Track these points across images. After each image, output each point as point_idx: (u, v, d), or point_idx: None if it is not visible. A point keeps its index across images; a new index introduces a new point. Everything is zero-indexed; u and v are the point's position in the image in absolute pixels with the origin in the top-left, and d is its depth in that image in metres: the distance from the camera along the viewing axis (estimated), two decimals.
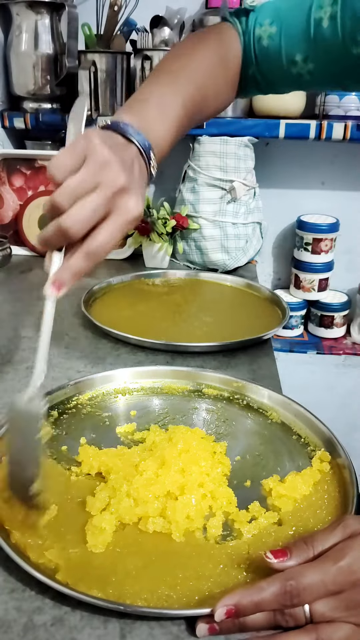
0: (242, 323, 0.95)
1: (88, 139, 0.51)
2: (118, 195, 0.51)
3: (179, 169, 1.33)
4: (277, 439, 0.65)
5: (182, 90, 0.65)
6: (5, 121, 1.34)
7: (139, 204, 0.52)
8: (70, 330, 0.93)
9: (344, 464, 0.58)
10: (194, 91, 0.66)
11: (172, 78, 0.66)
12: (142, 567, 0.46)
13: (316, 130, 1.26)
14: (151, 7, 1.26)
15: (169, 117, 0.62)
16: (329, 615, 0.40)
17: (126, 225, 0.52)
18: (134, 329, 0.86)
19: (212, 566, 0.47)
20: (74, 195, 0.50)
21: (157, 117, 0.61)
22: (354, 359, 1.48)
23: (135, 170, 0.54)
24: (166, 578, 0.45)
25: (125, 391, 0.73)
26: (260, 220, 1.28)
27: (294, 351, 1.48)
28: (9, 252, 1.25)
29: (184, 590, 0.44)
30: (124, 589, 0.44)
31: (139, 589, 0.44)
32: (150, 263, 1.24)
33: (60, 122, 1.31)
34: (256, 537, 0.50)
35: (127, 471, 0.55)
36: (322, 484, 0.56)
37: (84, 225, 0.50)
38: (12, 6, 1.25)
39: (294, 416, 0.67)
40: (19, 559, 0.45)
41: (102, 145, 0.51)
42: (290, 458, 0.62)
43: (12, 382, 0.76)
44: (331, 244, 1.47)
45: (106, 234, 0.51)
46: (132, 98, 0.64)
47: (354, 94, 1.25)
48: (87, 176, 0.50)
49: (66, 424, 0.66)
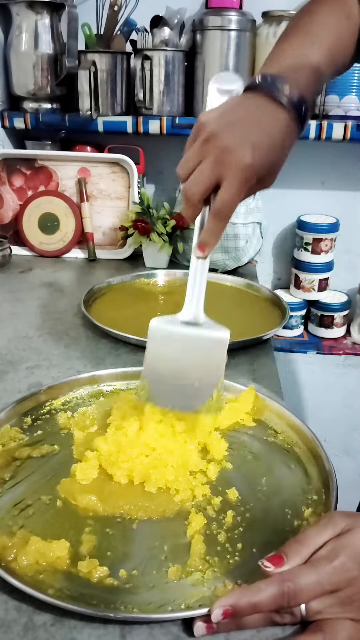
0: (242, 323, 0.95)
1: (198, 122, 0.57)
2: (224, 154, 0.53)
3: None
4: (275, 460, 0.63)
5: (315, 44, 0.63)
6: (5, 121, 1.34)
7: (245, 154, 0.53)
8: (70, 330, 0.93)
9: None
10: (327, 45, 0.64)
11: (302, 35, 0.64)
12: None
13: (316, 130, 1.26)
14: (151, 7, 1.26)
15: (307, 69, 0.61)
16: (325, 613, 0.41)
17: (240, 177, 0.53)
18: (134, 329, 0.86)
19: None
20: (186, 167, 0.56)
21: (296, 69, 0.59)
22: (354, 359, 1.48)
23: (246, 123, 0.55)
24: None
25: (99, 394, 0.73)
26: (260, 220, 1.28)
27: (294, 351, 1.48)
28: (9, 252, 1.25)
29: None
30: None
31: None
32: (150, 263, 1.24)
33: (60, 122, 1.31)
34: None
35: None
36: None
37: (198, 187, 0.55)
38: (12, 6, 1.25)
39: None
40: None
41: (207, 122, 0.55)
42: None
43: (12, 382, 0.76)
44: (331, 244, 1.47)
45: (224, 190, 0.54)
46: (268, 57, 0.63)
47: (354, 94, 1.25)
48: (193, 151, 0.56)
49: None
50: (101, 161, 1.30)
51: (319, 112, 1.29)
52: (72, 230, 1.30)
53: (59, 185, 1.32)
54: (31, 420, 0.67)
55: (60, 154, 1.32)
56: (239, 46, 1.23)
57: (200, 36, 1.25)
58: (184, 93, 1.30)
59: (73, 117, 1.30)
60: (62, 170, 1.31)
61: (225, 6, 1.23)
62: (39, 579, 0.46)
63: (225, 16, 1.21)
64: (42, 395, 0.70)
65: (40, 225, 1.31)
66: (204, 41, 1.24)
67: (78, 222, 1.30)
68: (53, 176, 1.32)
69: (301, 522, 0.52)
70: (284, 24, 1.22)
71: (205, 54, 1.25)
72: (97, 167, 1.30)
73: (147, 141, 1.35)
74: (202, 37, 1.25)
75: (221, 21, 1.22)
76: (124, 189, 1.31)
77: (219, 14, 1.22)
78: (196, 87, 1.29)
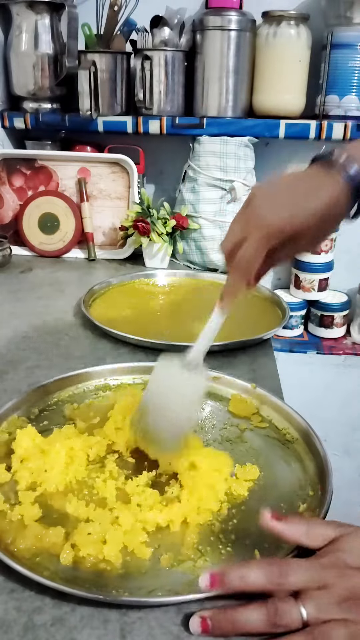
0: (242, 323, 0.95)
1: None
2: (252, 215, 0.55)
3: (179, 169, 1.33)
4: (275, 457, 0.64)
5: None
6: (5, 121, 1.34)
7: (267, 214, 0.54)
8: (70, 330, 0.93)
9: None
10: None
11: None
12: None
13: (316, 130, 1.26)
14: (151, 7, 1.26)
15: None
16: (324, 616, 0.40)
17: (259, 234, 0.54)
18: (134, 329, 0.86)
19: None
20: (228, 234, 0.57)
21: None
22: (354, 359, 1.48)
23: (286, 189, 0.56)
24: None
25: (106, 388, 0.75)
26: None
27: (294, 351, 1.48)
28: (9, 252, 1.25)
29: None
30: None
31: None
32: (150, 263, 1.24)
33: (60, 122, 1.31)
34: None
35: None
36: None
37: (225, 244, 0.57)
38: (12, 6, 1.25)
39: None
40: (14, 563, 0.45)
41: (255, 189, 0.57)
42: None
43: (12, 382, 0.76)
44: (331, 244, 1.47)
45: (245, 246, 0.54)
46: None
47: (354, 94, 1.25)
48: (235, 217, 0.57)
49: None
50: (101, 161, 1.30)
51: (318, 112, 1.28)
52: (72, 230, 1.30)
53: (59, 185, 1.32)
54: (38, 411, 0.69)
55: (60, 154, 1.32)
56: (239, 46, 1.23)
57: (200, 36, 1.25)
58: (184, 93, 1.30)
59: (73, 117, 1.30)
60: (62, 170, 1.31)
61: (225, 6, 1.23)
62: (35, 561, 0.47)
63: (225, 16, 1.21)
64: (50, 387, 0.72)
65: (40, 225, 1.31)
66: (204, 41, 1.24)
67: (78, 222, 1.30)
68: (53, 176, 1.32)
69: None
70: (284, 23, 1.22)
71: (205, 54, 1.25)
72: (97, 167, 1.30)
73: (147, 141, 1.34)
74: (202, 37, 1.25)
75: (221, 21, 1.21)
76: (124, 189, 1.31)
77: (219, 14, 1.22)
78: (196, 87, 1.29)
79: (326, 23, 1.25)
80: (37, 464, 0.57)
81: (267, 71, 1.26)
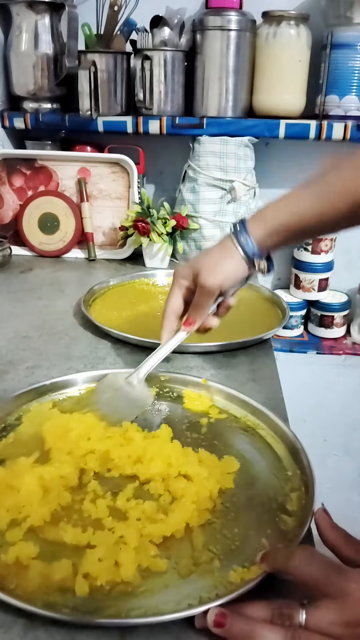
0: (242, 323, 0.95)
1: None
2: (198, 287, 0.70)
3: (179, 169, 1.33)
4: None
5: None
6: (5, 121, 1.34)
7: (207, 280, 0.68)
8: (70, 330, 0.93)
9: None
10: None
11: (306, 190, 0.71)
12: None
13: (316, 130, 1.26)
14: (151, 7, 1.26)
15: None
16: (323, 627, 0.39)
17: (204, 298, 0.70)
18: (134, 329, 0.86)
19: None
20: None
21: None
22: (354, 359, 1.48)
23: (211, 257, 0.70)
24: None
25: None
26: None
27: (294, 351, 1.48)
28: (9, 252, 1.25)
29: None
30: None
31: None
32: (150, 263, 1.24)
33: (60, 122, 1.31)
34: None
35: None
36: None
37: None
38: (12, 6, 1.25)
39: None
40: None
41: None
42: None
43: (12, 382, 0.76)
44: (331, 244, 1.47)
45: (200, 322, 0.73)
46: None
47: (354, 94, 1.25)
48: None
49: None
50: (101, 161, 1.30)
51: (319, 112, 1.28)
52: (72, 230, 1.30)
53: (59, 185, 1.32)
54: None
55: (60, 154, 1.32)
56: (239, 46, 1.23)
57: (200, 36, 1.25)
58: (184, 93, 1.30)
59: (73, 117, 1.30)
60: (62, 170, 1.31)
61: (225, 6, 1.23)
62: (49, 601, 0.44)
63: (225, 16, 1.21)
64: (45, 388, 0.72)
65: (40, 225, 1.31)
66: (204, 41, 1.24)
67: (78, 222, 1.30)
68: (53, 176, 1.32)
69: (285, 497, 0.55)
70: (284, 24, 1.22)
71: (205, 54, 1.25)
72: (97, 167, 1.30)
73: (147, 141, 1.34)
74: (202, 37, 1.24)
75: (221, 21, 1.21)
76: (124, 189, 1.31)
77: (219, 14, 1.22)
78: (196, 87, 1.29)
79: (326, 23, 1.25)
80: (10, 499, 0.52)
81: (267, 71, 1.26)
